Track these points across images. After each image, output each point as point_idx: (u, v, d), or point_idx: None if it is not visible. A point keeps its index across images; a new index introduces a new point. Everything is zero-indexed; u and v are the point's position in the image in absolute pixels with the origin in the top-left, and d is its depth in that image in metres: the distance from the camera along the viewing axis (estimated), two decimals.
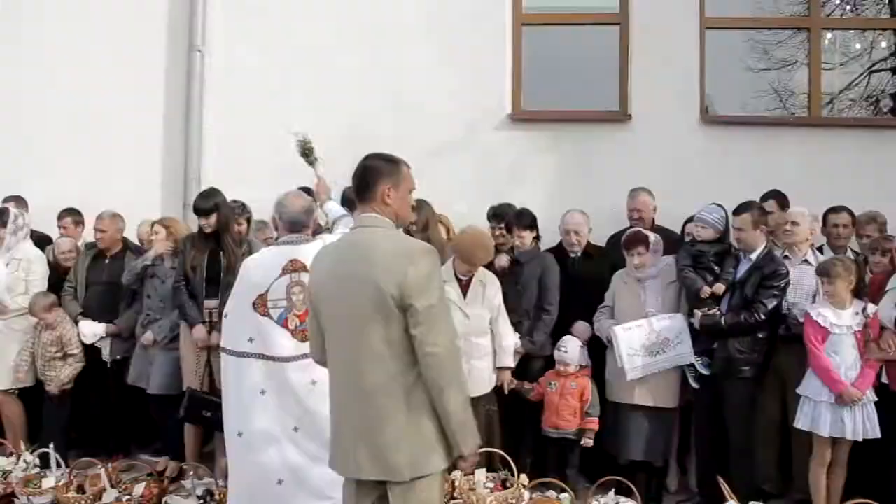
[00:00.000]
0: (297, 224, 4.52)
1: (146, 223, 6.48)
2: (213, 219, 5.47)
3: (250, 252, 5.59)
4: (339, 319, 3.07)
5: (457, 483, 4.95)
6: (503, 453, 5.10)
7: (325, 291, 3.12)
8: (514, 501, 4.91)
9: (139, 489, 5.02)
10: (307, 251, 4.17)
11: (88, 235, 6.60)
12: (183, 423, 5.52)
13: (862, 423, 4.73)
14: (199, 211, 5.50)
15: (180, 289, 5.54)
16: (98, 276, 6.15)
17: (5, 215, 5.99)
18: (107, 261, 6.19)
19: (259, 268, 4.45)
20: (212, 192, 5.59)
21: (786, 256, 5.37)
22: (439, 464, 3.04)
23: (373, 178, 3.18)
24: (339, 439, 3.11)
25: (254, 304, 4.33)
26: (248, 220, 6.26)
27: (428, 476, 3.01)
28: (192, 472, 5.24)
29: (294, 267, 4.34)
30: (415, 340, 2.94)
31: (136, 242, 6.56)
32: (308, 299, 3.26)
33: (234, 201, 6.03)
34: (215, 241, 5.52)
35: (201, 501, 4.92)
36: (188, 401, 5.34)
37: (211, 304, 5.50)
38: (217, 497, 4.95)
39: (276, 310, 4.31)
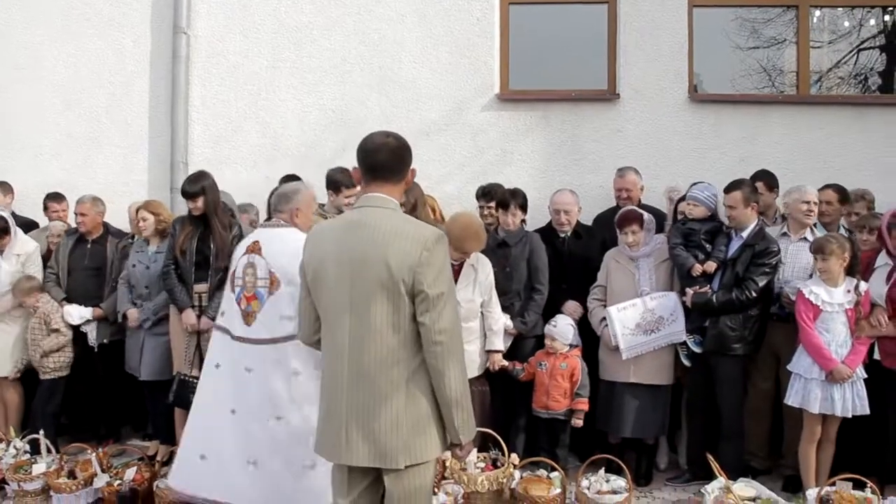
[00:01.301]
0: (270, 206, 4.63)
1: (136, 205, 6.43)
2: (200, 202, 5.42)
3: (241, 236, 5.58)
4: (342, 300, 2.96)
5: (448, 463, 4.96)
6: (494, 433, 5.12)
7: (327, 271, 3.00)
8: (505, 481, 4.93)
9: (130, 474, 5.00)
10: (270, 234, 4.37)
11: (71, 220, 6.56)
12: (173, 407, 5.51)
13: (852, 400, 4.77)
14: (187, 194, 5.46)
15: (170, 273, 5.49)
16: (80, 261, 6.10)
17: (2, 222, 5.90)
18: (88, 245, 6.13)
19: (240, 245, 4.61)
20: (200, 176, 5.54)
21: (784, 234, 5.39)
22: (435, 451, 3.01)
23: (408, 158, 3.09)
24: (331, 424, 3.03)
25: (229, 278, 4.50)
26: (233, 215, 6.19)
27: (423, 463, 2.99)
28: None
29: (253, 248, 4.39)
30: (422, 327, 2.89)
31: (128, 226, 6.49)
32: (303, 278, 3.15)
33: (225, 205, 5.97)
34: (204, 225, 5.48)
35: None
36: (177, 385, 5.33)
37: (200, 287, 5.47)
38: None
39: (237, 287, 4.40)
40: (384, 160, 3.04)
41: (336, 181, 6.07)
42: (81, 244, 6.15)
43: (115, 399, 6.19)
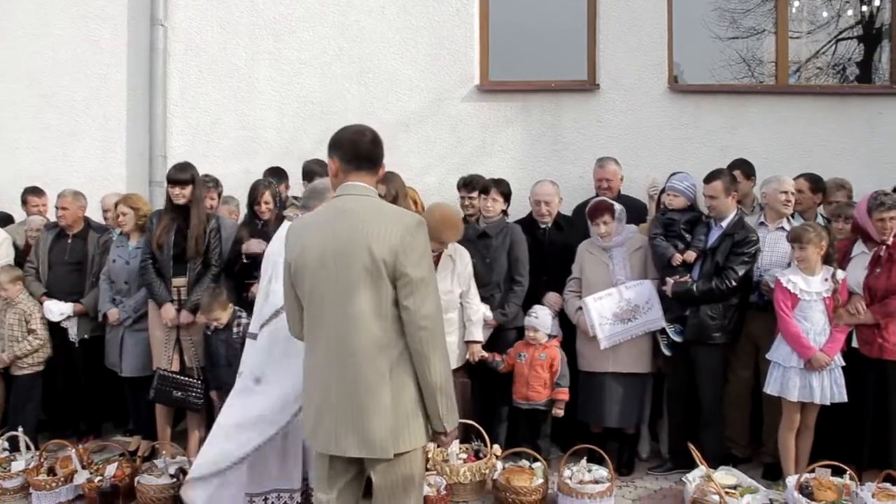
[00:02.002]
0: (301, 201, 4.63)
1: (112, 195, 6.38)
2: (188, 190, 5.39)
3: (218, 228, 5.56)
4: (325, 288, 2.95)
5: (430, 454, 4.96)
6: (476, 424, 5.12)
7: (309, 260, 2.98)
8: (487, 472, 4.94)
9: (111, 470, 4.98)
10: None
11: (51, 214, 6.50)
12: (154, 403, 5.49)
13: (830, 388, 4.79)
14: (176, 181, 5.41)
15: (147, 267, 5.45)
16: (60, 256, 6.04)
17: None
18: (69, 240, 6.06)
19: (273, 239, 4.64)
20: (188, 165, 5.51)
21: (762, 223, 5.41)
22: (421, 438, 3.00)
23: (383, 149, 3.15)
24: (318, 416, 3.01)
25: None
26: (219, 195, 6.19)
27: (411, 451, 2.99)
28: (164, 452, 5.20)
29: None
30: (406, 312, 2.89)
31: (101, 214, 6.44)
32: (286, 272, 3.12)
33: (207, 176, 5.97)
34: (183, 217, 5.44)
35: (174, 480, 4.87)
36: (158, 382, 5.30)
37: (179, 281, 5.44)
38: None
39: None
40: (366, 150, 3.09)
41: (312, 171, 6.08)
42: (62, 239, 6.09)
43: (95, 395, 6.14)
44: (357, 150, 3.08)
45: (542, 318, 5.33)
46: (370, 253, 2.86)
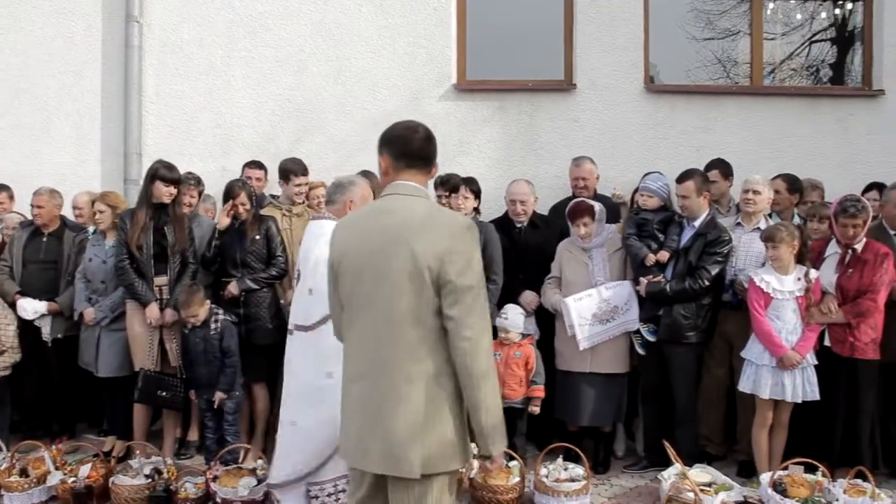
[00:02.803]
0: (327, 197, 4.59)
1: (84, 193, 6.31)
2: (175, 189, 5.42)
3: (190, 228, 5.53)
4: (363, 292, 2.77)
5: None
6: None
7: (351, 260, 2.82)
8: (464, 471, 4.94)
9: (85, 470, 4.92)
10: (312, 226, 4.44)
11: (24, 211, 6.42)
12: (132, 403, 5.44)
13: (802, 386, 4.86)
14: (171, 180, 5.41)
15: (125, 268, 5.39)
16: (35, 254, 5.96)
17: None
18: (44, 238, 5.99)
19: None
20: (173, 164, 5.50)
21: (738, 223, 5.45)
22: (455, 463, 2.76)
23: (436, 147, 2.95)
24: (348, 425, 2.84)
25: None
26: (200, 194, 6.15)
27: (440, 475, 2.73)
28: (138, 452, 5.16)
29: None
30: (449, 322, 2.67)
31: (72, 213, 6.37)
32: (329, 271, 2.96)
33: (189, 174, 5.93)
34: (159, 216, 5.40)
35: (149, 480, 4.84)
36: (143, 382, 5.27)
37: (160, 280, 5.41)
38: (166, 475, 4.89)
39: (296, 278, 4.50)
40: (417, 147, 2.91)
41: (286, 169, 6.09)
42: (37, 237, 6.01)
43: (69, 395, 6.07)
44: (408, 147, 2.89)
45: (511, 319, 5.34)
46: (413, 258, 2.67)
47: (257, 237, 5.52)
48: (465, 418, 2.74)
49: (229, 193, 5.60)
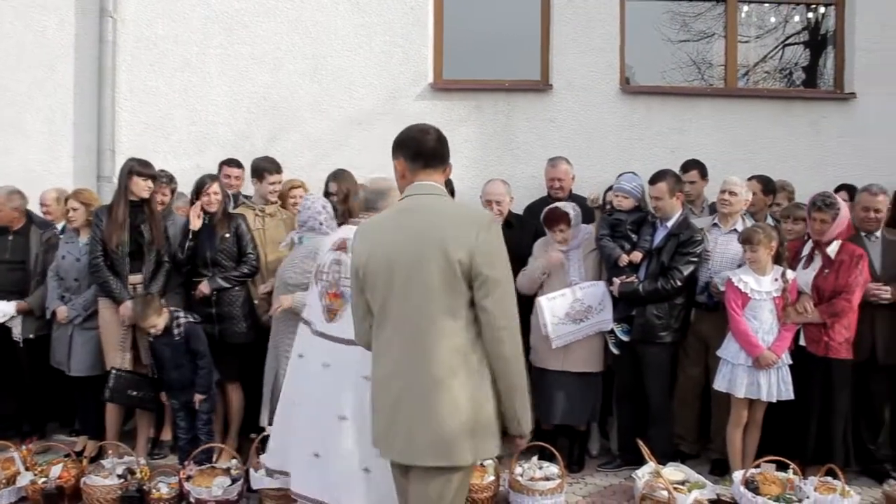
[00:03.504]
0: (366, 203, 4.36)
1: (51, 190, 6.23)
2: (153, 183, 5.39)
3: (165, 227, 5.50)
4: (398, 291, 2.82)
5: None
6: None
7: (379, 263, 2.86)
8: None
9: (56, 471, 4.86)
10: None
11: None
12: (104, 402, 5.38)
13: (777, 385, 4.91)
14: (148, 175, 5.38)
15: (100, 265, 5.33)
16: (1, 254, 5.89)
17: None
18: (10, 237, 5.92)
19: (326, 239, 4.45)
20: (148, 161, 5.47)
21: (715, 224, 5.49)
22: (494, 449, 2.88)
23: (448, 148, 3.05)
24: (390, 424, 2.87)
25: (315, 272, 4.32)
26: (173, 192, 6.09)
27: (468, 465, 2.87)
28: (110, 451, 5.11)
29: (341, 245, 4.19)
30: (484, 313, 2.76)
31: (40, 209, 6.29)
32: (354, 277, 3.00)
33: (162, 171, 5.87)
34: (134, 214, 5.35)
35: (122, 480, 4.79)
36: (114, 381, 5.22)
37: (135, 278, 5.36)
38: (139, 475, 4.85)
39: (322, 282, 4.24)
40: (431, 147, 3.00)
41: (260, 168, 6.05)
42: (2, 237, 5.93)
43: (40, 394, 6.00)
44: (422, 148, 2.99)
45: None
46: (445, 253, 2.75)
47: (227, 235, 5.48)
48: (496, 403, 2.84)
49: (200, 187, 5.53)
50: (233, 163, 6.46)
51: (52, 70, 7.14)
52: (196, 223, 5.44)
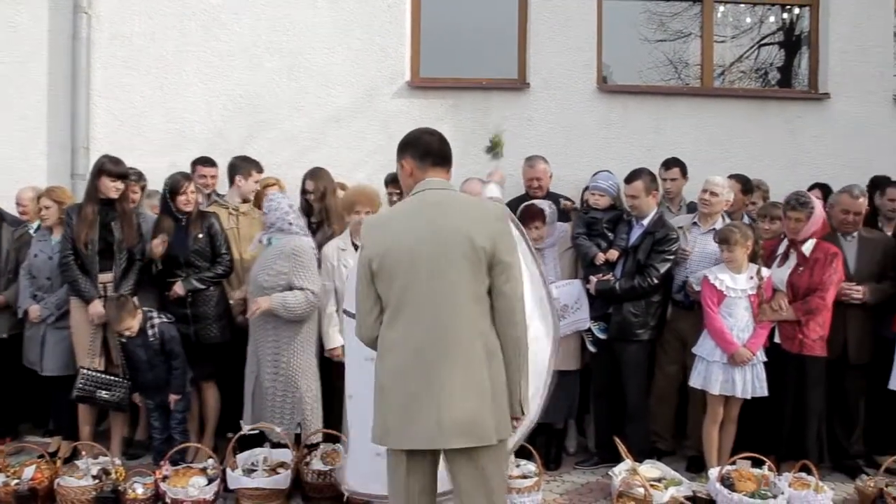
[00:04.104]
0: None
1: (27, 188, 6.16)
2: (122, 184, 5.30)
3: (139, 224, 5.43)
4: (421, 280, 2.97)
5: None
6: None
7: (398, 255, 3.00)
8: None
9: (29, 472, 4.81)
10: None
11: None
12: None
13: (751, 382, 4.95)
14: (118, 175, 5.28)
15: (69, 264, 5.26)
16: None
17: None
18: None
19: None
20: (120, 159, 5.36)
21: (695, 223, 5.52)
22: (510, 430, 3.09)
23: (451, 151, 3.30)
24: (411, 414, 2.96)
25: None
26: (143, 189, 6.03)
27: (504, 440, 3.06)
28: (85, 452, 5.06)
29: None
30: (503, 297, 2.98)
31: (15, 208, 6.21)
32: (364, 268, 3.09)
33: (131, 169, 5.80)
34: (105, 212, 5.29)
35: (97, 481, 4.75)
36: (81, 381, 5.15)
37: (105, 277, 5.29)
38: (114, 475, 4.81)
39: None
40: (437, 147, 3.23)
41: (245, 166, 5.97)
42: None
43: (12, 394, 5.93)
44: (430, 148, 3.20)
45: None
46: (471, 241, 2.94)
47: (200, 235, 5.42)
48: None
49: (174, 188, 5.45)
50: (208, 162, 6.40)
51: (25, 66, 7.05)
52: (158, 251, 5.32)
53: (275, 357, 4.99)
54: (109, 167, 5.29)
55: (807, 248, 5.08)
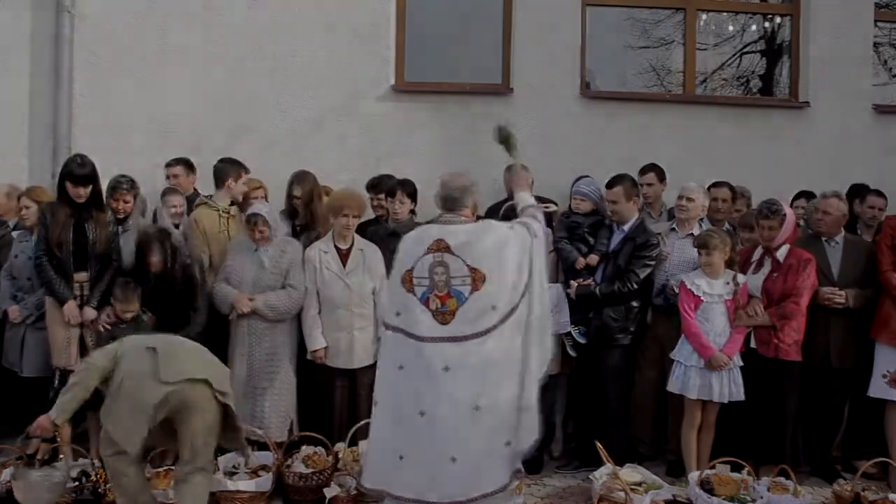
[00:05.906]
0: (449, 201, 4.23)
1: (3, 186, 6.11)
2: (89, 189, 5.21)
3: (112, 222, 5.38)
4: None
5: (341, 455, 4.94)
6: None
7: None
8: None
9: (7, 474, 4.80)
10: (456, 232, 4.07)
11: None
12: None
13: (728, 387, 5.00)
14: (80, 178, 5.17)
15: (43, 264, 5.19)
16: None
17: None
18: None
19: (408, 243, 4.23)
20: (87, 160, 5.27)
21: (673, 229, 5.57)
22: None
23: None
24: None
25: (402, 279, 4.12)
26: (135, 197, 5.93)
27: None
28: (62, 454, 5.01)
29: (438, 247, 4.05)
30: None
31: None
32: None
33: (123, 177, 5.73)
34: (80, 213, 5.24)
35: (76, 483, 4.73)
36: (59, 382, 5.11)
37: (80, 277, 5.24)
38: (94, 478, 4.78)
39: (419, 287, 4.05)
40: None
41: (234, 169, 5.87)
42: None
43: None
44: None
45: None
46: None
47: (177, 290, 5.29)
48: None
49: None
50: (182, 161, 6.34)
51: (6, 66, 6.98)
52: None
53: (270, 358, 5.15)
54: (73, 170, 5.19)
55: (781, 254, 5.15)
